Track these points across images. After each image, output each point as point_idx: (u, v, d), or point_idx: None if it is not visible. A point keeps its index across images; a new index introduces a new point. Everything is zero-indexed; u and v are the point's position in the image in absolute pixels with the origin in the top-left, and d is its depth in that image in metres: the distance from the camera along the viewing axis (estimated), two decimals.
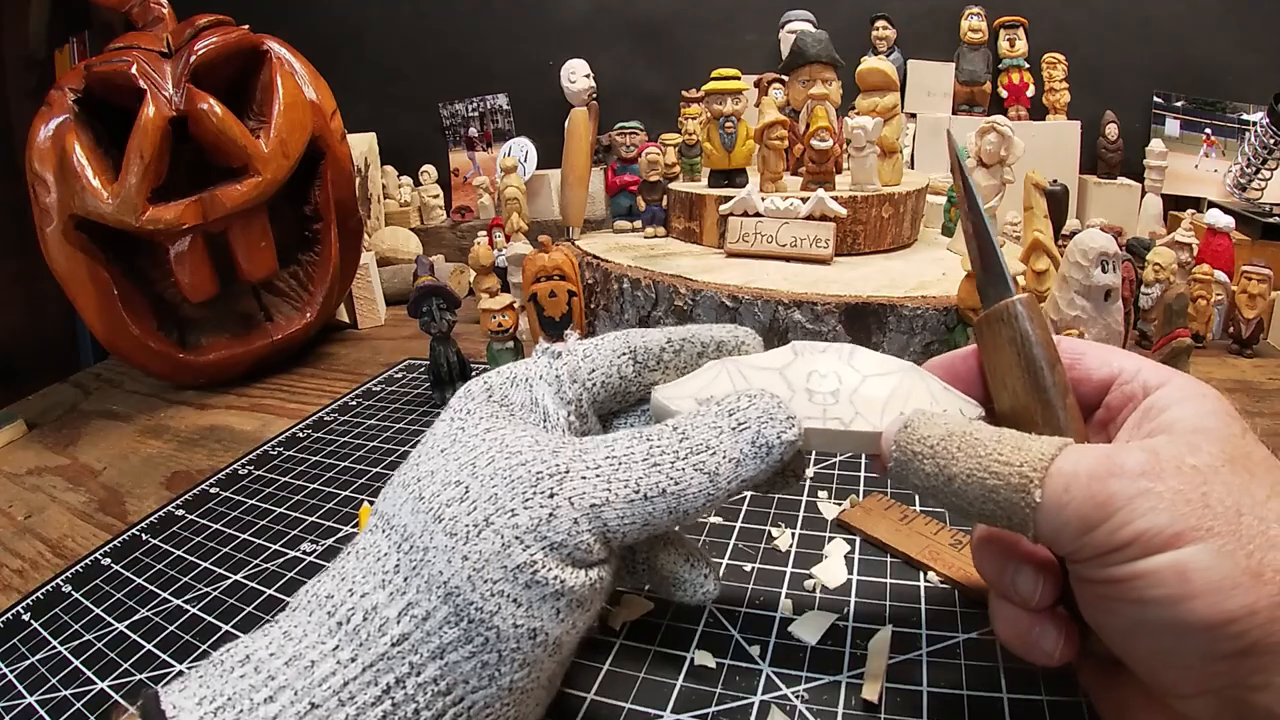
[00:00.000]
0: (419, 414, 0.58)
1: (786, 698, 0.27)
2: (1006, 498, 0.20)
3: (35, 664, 0.33)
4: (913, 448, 0.23)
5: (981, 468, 0.21)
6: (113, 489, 0.52)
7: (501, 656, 0.21)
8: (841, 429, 0.25)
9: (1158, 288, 0.61)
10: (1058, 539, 0.20)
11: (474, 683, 0.21)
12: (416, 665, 0.20)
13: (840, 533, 0.37)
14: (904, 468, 0.23)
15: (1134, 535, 0.18)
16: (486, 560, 0.21)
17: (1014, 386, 0.24)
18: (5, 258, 0.96)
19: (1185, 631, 0.18)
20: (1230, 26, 0.93)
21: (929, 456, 0.22)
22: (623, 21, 1.10)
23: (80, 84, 0.61)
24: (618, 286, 0.58)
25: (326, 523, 0.43)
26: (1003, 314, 0.25)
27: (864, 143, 0.59)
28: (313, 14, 1.16)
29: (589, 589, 0.22)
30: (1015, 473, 0.20)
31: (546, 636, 0.21)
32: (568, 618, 0.22)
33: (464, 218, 1.10)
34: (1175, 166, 0.93)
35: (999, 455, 0.21)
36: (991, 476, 0.21)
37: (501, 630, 0.21)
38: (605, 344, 0.28)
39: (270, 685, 0.20)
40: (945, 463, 0.22)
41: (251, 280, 0.68)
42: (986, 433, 0.22)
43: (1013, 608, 0.23)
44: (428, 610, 0.21)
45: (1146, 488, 0.19)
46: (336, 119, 0.73)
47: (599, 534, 0.22)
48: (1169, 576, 0.18)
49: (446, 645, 0.21)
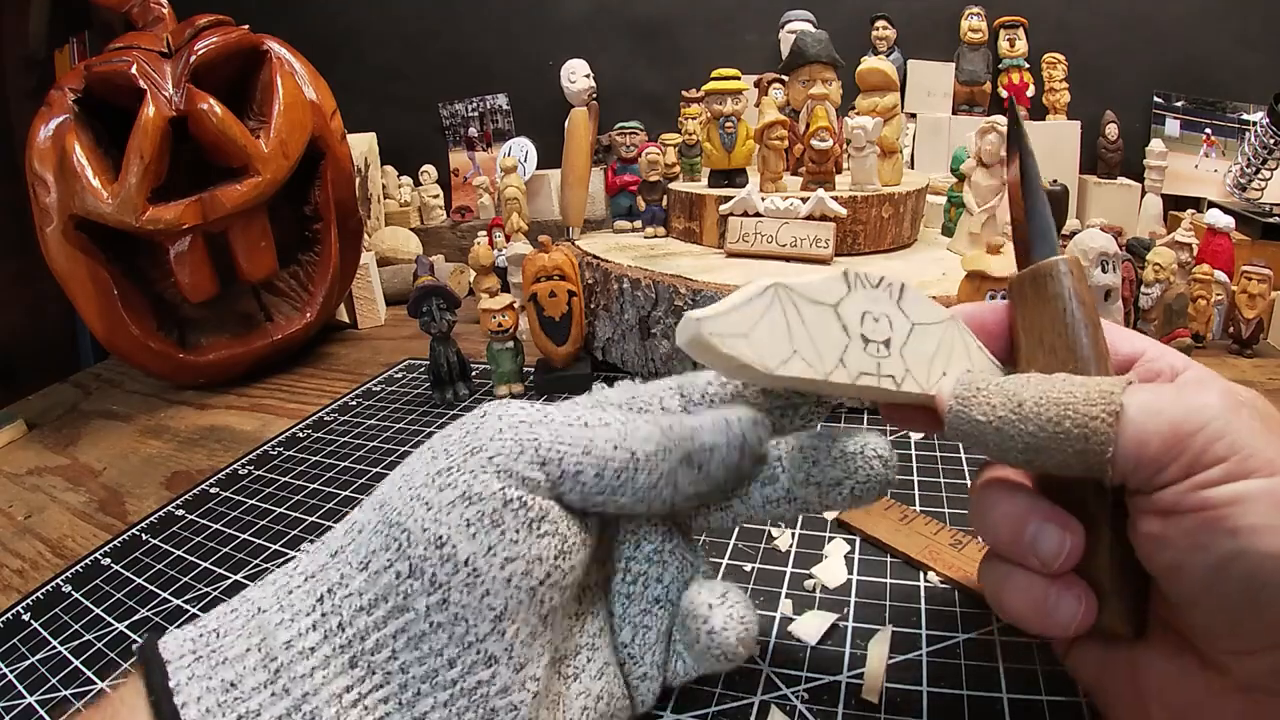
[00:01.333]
0: (419, 414, 0.58)
1: (786, 698, 0.27)
2: (1085, 412, 0.19)
3: (35, 664, 0.33)
4: (977, 384, 0.22)
5: (1055, 388, 0.20)
6: (113, 489, 0.52)
7: (413, 568, 0.20)
8: (894, 388, 0.23)
9: (1158, 288, 0.61)
10: (1141, 458, 0.19)
11: (393, 601, 0.21)
12: (346, 576, 0.21)
13: (840, 533, 0.37)
14: (967, 404, 0.22)
15: (1230, 450, 0.17)
16: (415, 470, 0.22)
17: (1052, 344, 0.23)
18: (5, 258, 0.96)
19: (1277, 565, 0.17)
20: (1230, 26, 0.93)
21: (995, 391, 0.21)
22: (623, 21, 1.10)
23: (80, 84, 0.61)
24: (618, 286, 0.58)
25: (326, 523, 0.43)
26: (1052, 270, 0.24)
27: (864, 143, 0.59)
28: (313, 14, 1.15)
29: (506, 507, 0.21)
30: (1095, 388, 0.19)
31: (454, 551, 0.20)
32: (479, 534, 0.20)
33: (464, 218, 1.10)
34: (1175, 166, 0.93)
35: (1069, 385, 0.20)
36: (1067, 395, 0.20)
37: (412, 534, 0.21)
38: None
39: (240, 599, 0.22)
40: (1014, 390, 0.21)
41: (251, 280, 0.68)
42: (1048, 377, 0.21)
43: (1027, 575, 0.22)
44: (363, 523, 0.22)
45: (1238, 406, 0.18)
46: (336, 119, 0.73)
47: (530, 448, 0.22)
48: (1267, 504, 0.17)
49: (371, 554, 0.21)
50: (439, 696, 0.20)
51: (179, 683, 0.20)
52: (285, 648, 0.20)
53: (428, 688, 0.20)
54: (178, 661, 0.20)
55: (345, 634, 0.21)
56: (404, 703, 0.20)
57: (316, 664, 0.20)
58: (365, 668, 0.20)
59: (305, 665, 0.20)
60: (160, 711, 0.19)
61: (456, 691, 0.20)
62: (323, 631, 0.21)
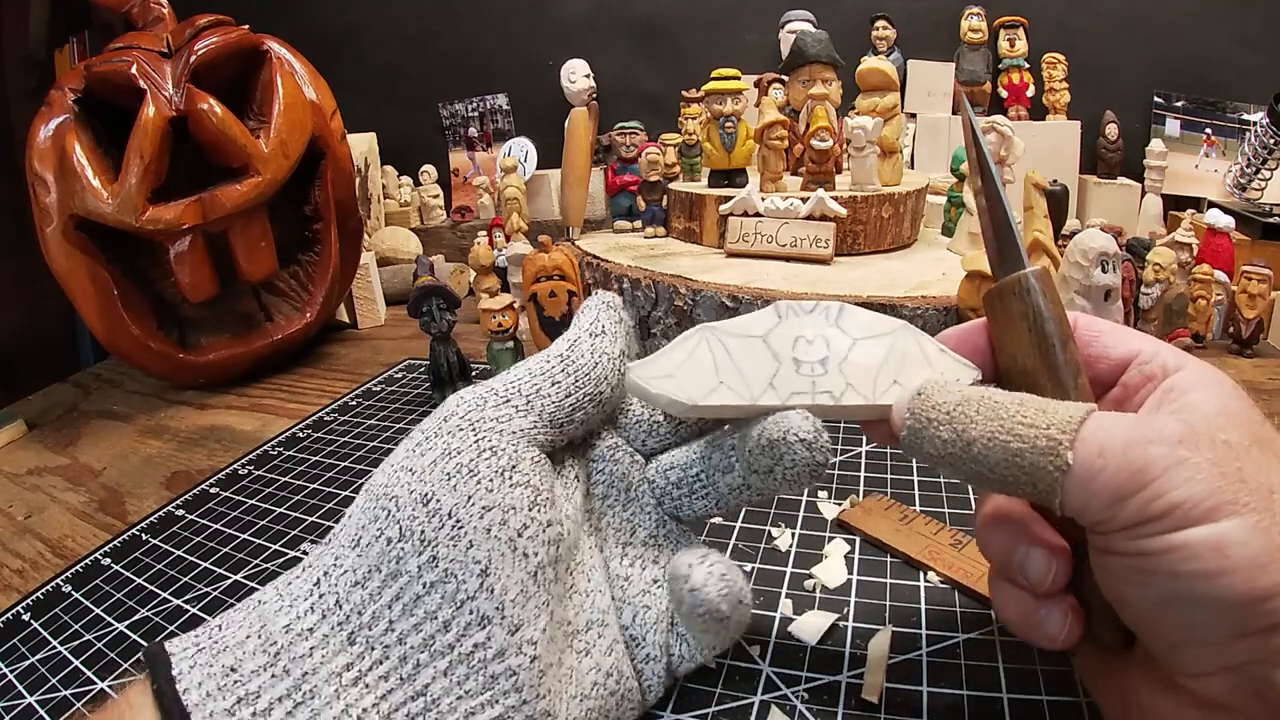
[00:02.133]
0: (419, 414, 0.58)
1: (786, 698, 0.27)
2: (1032, 461, 0.19)
3: (35, 664, 0.33)
4: (927, 414, 0.22)
5: (1004, 430, 0.20)
6: (113, 489, 0.52)
7: (403, 531, 0.21)
8: (832, 403, 0.24)
9: (1158, 288, 0.61)
10: (1087, 507, 0.19)
11: (386, 569, 0.21)
12: (340, 557, 0.22)
13: (840, 533, 0.37)
14: (917, 436, 0.22)
15: (1171, 506, 0.18)
16: (395, 453, 0.24)
17: (1024, 363, 0.23)
18: (5, 258, 0.96)
19: (1217, 607, 0.17)
20: (1230, 26, 0.93)
21: (945, 422, 0.21)
22: (623, 21, 1.10)
23: (80, 84, 0.61)
24: (618, 286, 0.58)
25: (326, 523, 0.43)
26: (1015, 286, 0.23)
27: (864, 143, 0.59)
28: (313, 14, 1.15)
29: (480, 457, 0.22)
30: (1042, 435, 0.19)
31: (439, 505, 0.21)
32: (459, 484, 0.22)
33: (464, 218, 1.10)
34: (1175, 166, 0.93)
35: (1022, 418, 0.20)
36: (1015, 439, 0.20)
37: (400, 499, 0.22)
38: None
39: (246, 600, 0.23)
40: (963, 427, 0.21)
41: (251, 280, 0.68)
42: (1006, 397, 0.21)
43: (1018, 590, 0.23)
44: (353, 509, 0.23)
45: (1184, 456, 0.18)
46: (336, 119, 0.73)
47: (491, 396, 0.24)
48: (1205, 550, 0.17)
49: (361, 529, 0.22)
50: (438, 665, 0.21)
51: (181, 671, 0.20)
52: (284, 631, 0.21)
53: (426, 657, 0.21)
54: (181, 654, 0.21)
55: (342, 610, 0.21)
56: (404, 677, 0.21)
57: (315, 644, 0.21)
58: (364, 644, 0.21)
59: (303, 646, 0.21)
60: (164, 699, 0.19)
61: (455, 658, 0.21)
62: (320, 612, 0.21)
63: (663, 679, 0.26)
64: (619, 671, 0.25)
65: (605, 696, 0.24)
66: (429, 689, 0.21)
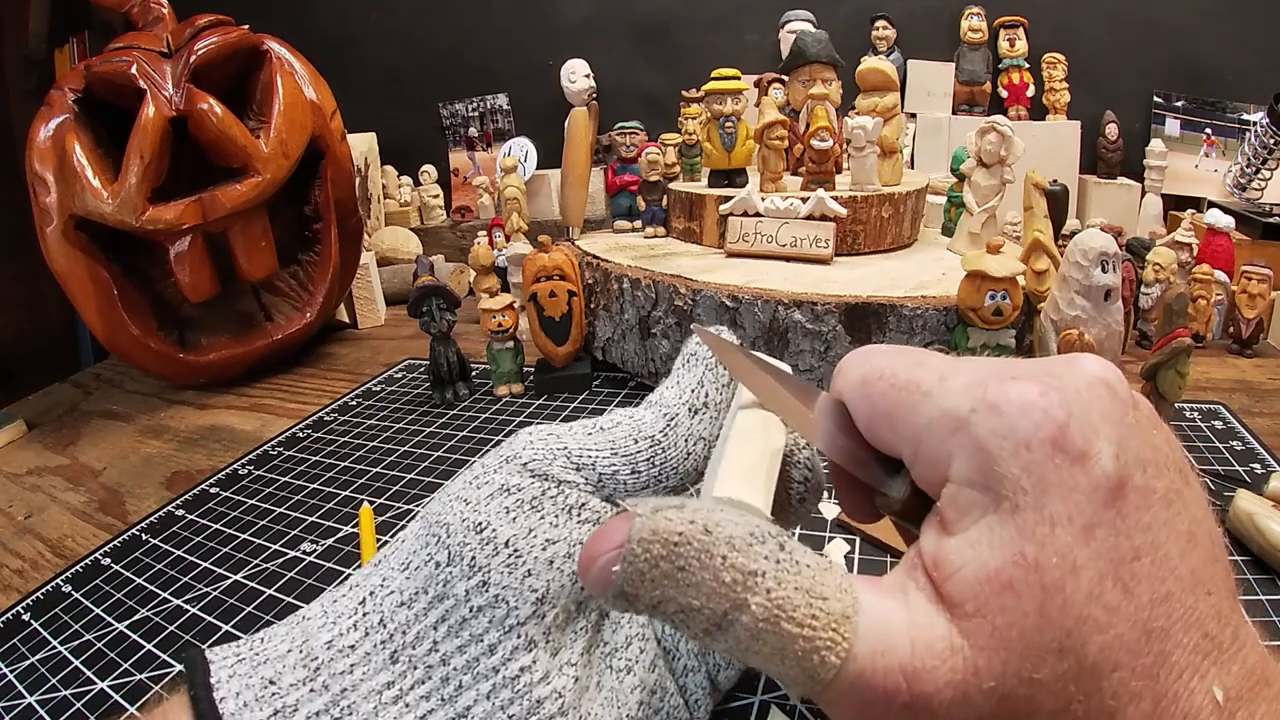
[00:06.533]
0: (419, 414, 0.58)
1: (787, 697, 0.27)
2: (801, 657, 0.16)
3: (35, 664, 0.33)
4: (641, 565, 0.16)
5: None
6: (113, 489, 0.52)
7: (451, 555, 0.21)
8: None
9: (1158, 288, 0.61)
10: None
11: (433, 591, 0.21)
12: (388, 579, 0.22)
13: (840, 532, 0.37)
14: (634, 579, 0.16)
15: None
16: (453, 483, 0.23)
17: None
18: (5, 258, 0.96)
19: None
20: (1230, 26, 0.93)
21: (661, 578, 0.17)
22: (623, 21, 1.10)
23: (80, 84, 0.61)
24: (618, 286, 0.58)
25: (326, 523, 0.43)
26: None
27: (864, 143, 0.59)
28: (313, 14, 1.16)
29: (544, 495, 0.22)
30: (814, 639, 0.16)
31: (494, 534, 0.21)
32: (519, 517, 0.21)
33: (464, 218, 1.10)
34: (1175, 166, 0.93)
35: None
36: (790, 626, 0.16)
37: (451, 526, 0.21)
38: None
39: (291, 616, 0.23)
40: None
41: (251, 280, 0.68)
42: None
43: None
44: (406, 534, 0.23)
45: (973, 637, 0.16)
46: (336, 119, 0.73)
47: (562, 455, 0.22)
48: None
49: (411, 554, 0.22)
50: (481, 688, 0.20)
51: (219, 679, 0.20)
52: (326, 647, 0.21)
53: (469, 679, 0.20)
54: (220, 662, 0.21)
55: (386, 629, 0.21)
56: (445, 698, 0.20)
57: (356, 660, 0.21)
58: (406, 662, 0.21)
59: (345, 662, 0.20)
60: (199, 705, 0.19)
61: (499, 681, 0.21)
62: (363, 629, 0.21)
63: (707, 691, 0.25)
64: (663, 688, 0.24)
65: (650, 716, 0.23)
66: (471, 711, 0.20)
